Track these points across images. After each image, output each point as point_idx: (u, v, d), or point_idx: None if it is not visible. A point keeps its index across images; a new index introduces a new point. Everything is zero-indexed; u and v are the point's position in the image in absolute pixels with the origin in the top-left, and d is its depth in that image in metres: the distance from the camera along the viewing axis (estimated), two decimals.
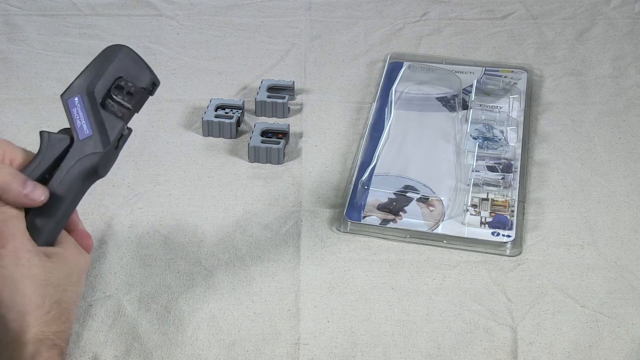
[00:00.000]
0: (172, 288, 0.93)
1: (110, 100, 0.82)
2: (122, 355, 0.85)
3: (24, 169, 0.79)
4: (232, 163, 1.10)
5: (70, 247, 0.79)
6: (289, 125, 1.13)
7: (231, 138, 1.14)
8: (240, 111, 1.15)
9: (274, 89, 1.19)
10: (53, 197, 0.78)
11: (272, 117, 1.17)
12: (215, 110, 1.15)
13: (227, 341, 0.87)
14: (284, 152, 1.10)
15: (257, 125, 1.12)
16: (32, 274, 0.74)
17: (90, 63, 0.83)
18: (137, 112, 0.84)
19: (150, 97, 0.83)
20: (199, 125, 1.15)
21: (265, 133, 1.11)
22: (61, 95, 0.81)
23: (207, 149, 1.12)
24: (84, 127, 0.80)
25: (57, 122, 0.80)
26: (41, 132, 0.81)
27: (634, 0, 1.42)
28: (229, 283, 0.93)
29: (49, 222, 0.78)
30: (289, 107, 1.18)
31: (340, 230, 1.00)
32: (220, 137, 1.14)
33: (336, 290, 0.93)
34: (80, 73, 0.82)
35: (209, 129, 1.14)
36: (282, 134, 1.11)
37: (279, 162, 1.09)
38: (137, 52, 0.83)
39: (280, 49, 1.31)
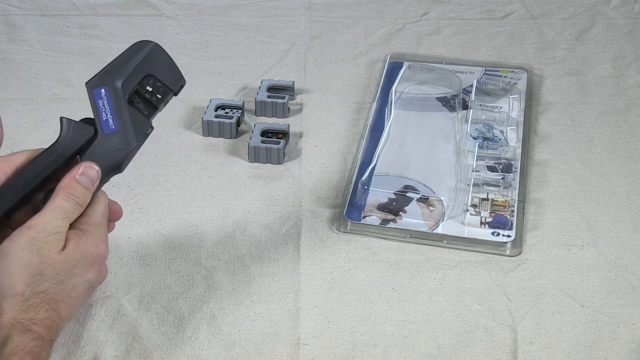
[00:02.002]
0: (172, 288, 0.93)
1: (137, 97, 0.82)
2: (122, 355, 0.85)
3: (40, 154, 0.79)
4: (232, 163, 1.10)
5: (91, 236, 0.79)
6: (289, 125, 1.13)
7: (231, 138, 1.14)
8: (240, 111, 1.15)
9: (274, 89, 1.19)
10: None
11: (272, 117, 1.17)
12: (215, 110, 1.15)
13: (227, 341, 0.87)
14: (284, 152, 1.10)
15: (257, 125, 1.12)
16: (29, 261, 0.74)
17: (119, 56, 0.82)
18: (161, 111, 0.84)
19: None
20: (199, 125, 1.15)
21: (265, 133, 1.11)
22: (86, 83, 0.80)
23: (207, 149, 1.12)
24: (109, 121, 0.80)
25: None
26: (62, 119, 0.81)
27: (634, 0, 1.42)
28: (229, 283, 0.93)
29: None
30: (289, 107, 1.18)
31: (340, 230, 1.00)
32: (220, 137, 1.14)
33: (336, 290, 0.93)
34: (108, 64, 0.82)
35: (209, 129, 1.14)
36: (282, 134, 1.11)
37: (279, 162, 1.09)
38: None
39: (280, 49, 1.31)
